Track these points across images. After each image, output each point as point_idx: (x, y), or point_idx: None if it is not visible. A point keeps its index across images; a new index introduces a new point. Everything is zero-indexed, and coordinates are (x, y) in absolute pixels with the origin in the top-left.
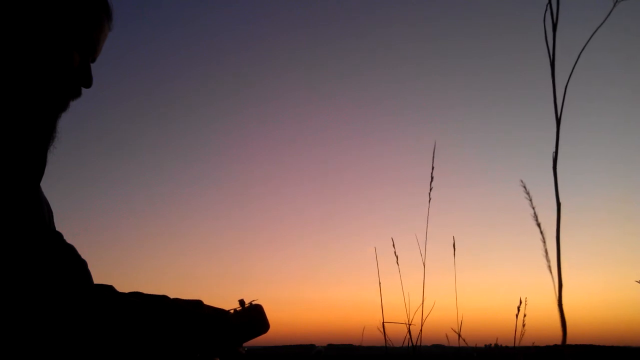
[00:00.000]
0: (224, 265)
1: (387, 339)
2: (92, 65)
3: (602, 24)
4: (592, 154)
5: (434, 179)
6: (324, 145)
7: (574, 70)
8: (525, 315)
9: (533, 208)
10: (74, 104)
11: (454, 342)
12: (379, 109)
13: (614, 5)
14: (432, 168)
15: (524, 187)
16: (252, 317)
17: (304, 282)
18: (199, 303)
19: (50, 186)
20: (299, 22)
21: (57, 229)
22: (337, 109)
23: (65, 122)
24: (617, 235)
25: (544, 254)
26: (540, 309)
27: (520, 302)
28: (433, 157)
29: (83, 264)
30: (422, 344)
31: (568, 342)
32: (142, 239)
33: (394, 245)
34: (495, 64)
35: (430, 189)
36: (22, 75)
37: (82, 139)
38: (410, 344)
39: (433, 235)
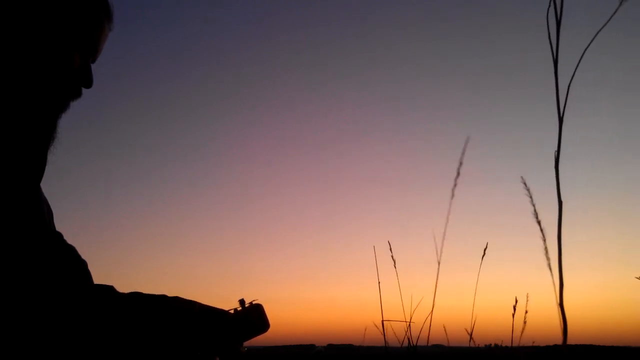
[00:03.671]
0: (224, 265)
1: (387, 339)
2: (93, 66)
3: (606, 23)
4: (593, 154)
5: (460, 176)
6: (323, 145)
7: (577, 70)
8: (526, 312)
9: (533, 205)
10: (74, 105)
11: (454, 342)
12: (379, 109)
13: (620, 5)
14: (460, 163)
15: (524, 183)
16: (252, 316)
17: (304, 282)
18: (196, 304)
19: (50, 186)
20: (299, 22)
21: (57, 229)
22: (338, 108)
23: (66, 122)
24: (618, 234)
25: (544, 252)
26: (540, 308)
27: (516, 302)
28: (463, 152)
29: (83, 264)
30: (422, 344)
31: (568, 342)
32: (142, 239)
33: (390, 250)
34: (497, 63)
35: (455, 185)
36: (22, 76)
37: (82, 139)
38: (410, 344)
39: (434, 234)
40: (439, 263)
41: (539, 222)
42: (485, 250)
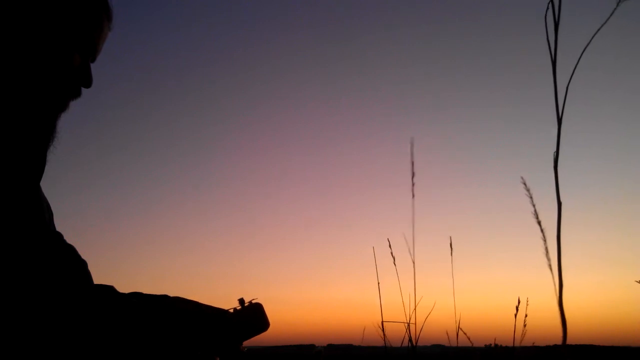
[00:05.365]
0: (224, 265)
1: (387, 339)
2: (92, 65)
3: (604, 23)
4: (593, 154)
5: (416, 175)
6: (324, 145)
7: (576, 70)
8: (526, 316)
9: (533, 205)
10: (74, 104)
11: (454, 342)
12: (378, 109)
13: (617, 5)
14: (412, 163)
15: (524, 184)
16: (252, 315)
17: (304, 282)
18: (196, 303)
19: (50, 186)
20: (300, 23)
21: (57, 229)
22: (337, 108)
23: (65, 122)
24: (618, 235)
25: (545, 252)
26: (540, 309)
27: (519, 302)
28: (411, 153)
29: (83, 264)
30: (422, 344)
31: (568, 342)
32: (142, 238)
33: (390, 246)
34: (495, 63)
35: (413, 184)
36: (22, 76)
37: (82, 139)
38: (409, 344)
39: (435, 234)
40: (413, 262)
41: (539, 223)
42: (451, 244)
